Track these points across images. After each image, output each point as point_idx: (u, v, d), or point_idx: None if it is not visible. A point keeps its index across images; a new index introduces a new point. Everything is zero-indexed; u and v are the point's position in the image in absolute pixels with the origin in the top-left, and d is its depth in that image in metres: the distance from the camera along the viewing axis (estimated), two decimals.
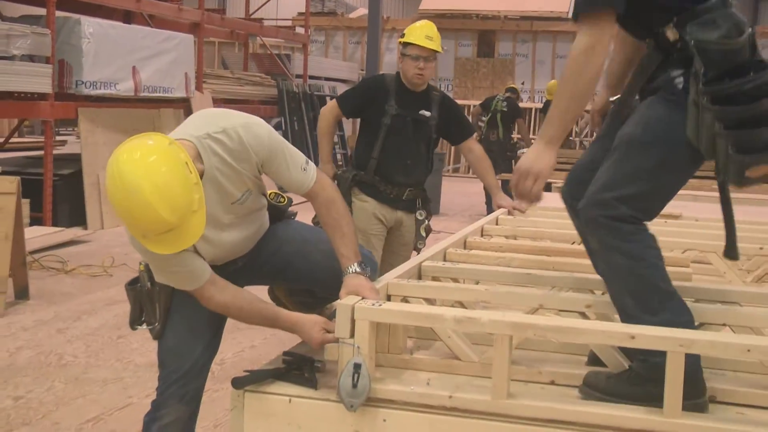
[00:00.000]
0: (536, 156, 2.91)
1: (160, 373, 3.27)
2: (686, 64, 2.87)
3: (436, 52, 5.42)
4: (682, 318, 2.88)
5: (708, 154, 2.90)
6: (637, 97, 3.09)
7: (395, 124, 5.42)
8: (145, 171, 2.67)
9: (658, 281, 2.89)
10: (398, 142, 5.42)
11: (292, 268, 3.38)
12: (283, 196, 3.54)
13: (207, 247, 3.12)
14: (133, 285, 3.28)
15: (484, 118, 13.77)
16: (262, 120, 3.15)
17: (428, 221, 5.64)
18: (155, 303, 3.24)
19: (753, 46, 2.87)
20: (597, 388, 2.88)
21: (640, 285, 2.87)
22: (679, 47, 2.92)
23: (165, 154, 2.75)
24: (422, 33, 5.38)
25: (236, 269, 3.35)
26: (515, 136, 14.04)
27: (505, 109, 13.62)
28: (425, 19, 6.89)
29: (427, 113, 5.49)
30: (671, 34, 2.93)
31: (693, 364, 2.72)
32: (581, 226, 3.09)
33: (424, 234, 5.58)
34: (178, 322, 3.24)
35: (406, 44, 5.43)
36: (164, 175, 2.70)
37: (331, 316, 3.41)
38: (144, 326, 3.28)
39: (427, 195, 5.70)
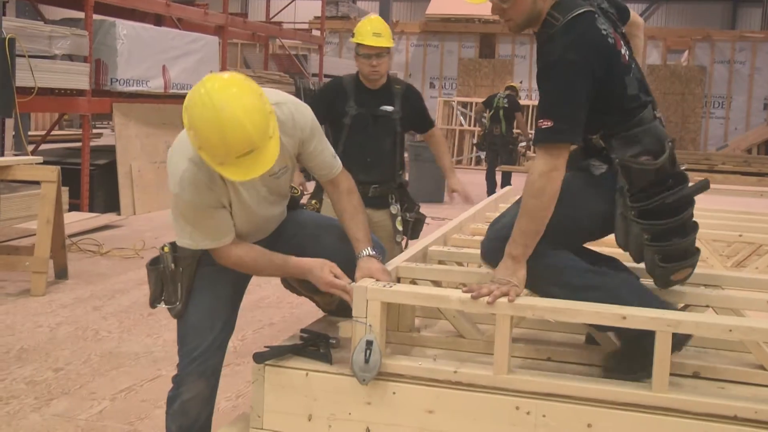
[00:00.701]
0: (511, 272, 2.82)
1: (180, 350, 3.21)
2: (609, 163, 2.92)
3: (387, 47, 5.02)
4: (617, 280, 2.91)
5: (636, 259, 2.95)
6: None
7: (356, 123, 5.03)
8: (232, 95, 2.69)
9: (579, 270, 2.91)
10: (360, 140, 5.00)
11: (307, 252, 3.29)
12: (296, 188, 3.51)
13: (241, 213, 3.06)
14: (154, 265, 3.21)
15: (486, 115, 13.83)
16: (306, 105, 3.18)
17: (408, 214, 5.20)
18: (177, 283, 3.17)
19: (672, 159, 2.88)
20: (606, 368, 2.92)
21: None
22: (605, 153, 2.95)
23: (244, 84, 2.76)
24: (370, 31, 4.96)
25: None
26: (516, 131, 14.03)
27: (506, 106, 13.65)
28: (431, 22, 6.75)
29: (390, 108, 5.06)
30: (597, 142, 2.96)
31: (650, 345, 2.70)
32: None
33: (400, 228, 5.13)
34: (198, 302, 3.18)
35: (357, 44, 5.01)
36: (247, 99, 2.71)
37: (338, 311, 3.40)
38: (163, 305, 3.21)
39: (403, 189, 5.26)
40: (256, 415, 2.96)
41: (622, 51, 2.90)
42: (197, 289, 3.19)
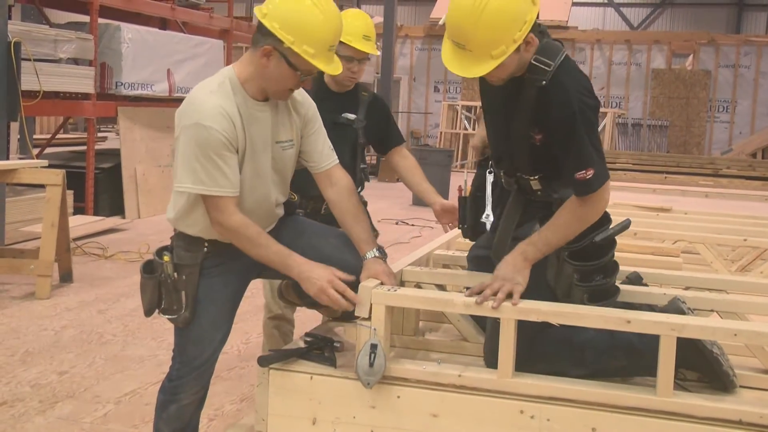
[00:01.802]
0: (517, 270, 2.86)
1: (178, 357, 3.21)
2: (545, 213, 2.98)
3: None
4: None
5: (563, 298, 2.99)
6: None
7: None
8: None
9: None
10: None
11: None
12: (293, 194, 3.50)
13: (247, 175, 3.00)
14: (150, 273, 3.13)
15: None
16: None
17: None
18: (181, 291, 3.09)
19: None
20: None
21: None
22: (539, 195, 3.03)
23: None
24: (360, 32, 4.24)
25: (253, 260, 3.21)
26: None
27: None
28: (436, 27, 6.22)
29: (352, 116, 4.39)
30: (535, 184, 3.02)
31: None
32: None
33: None
34: (202, 314, 3.12)
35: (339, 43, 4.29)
36: None
37: (343, 317, 3.38)
38: (160, 313, 3.15)
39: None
40: (260, 419, 2.97)
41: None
42: (200, 300, 3.12)
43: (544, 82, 2.79)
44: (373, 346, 2.80)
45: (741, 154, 20.70)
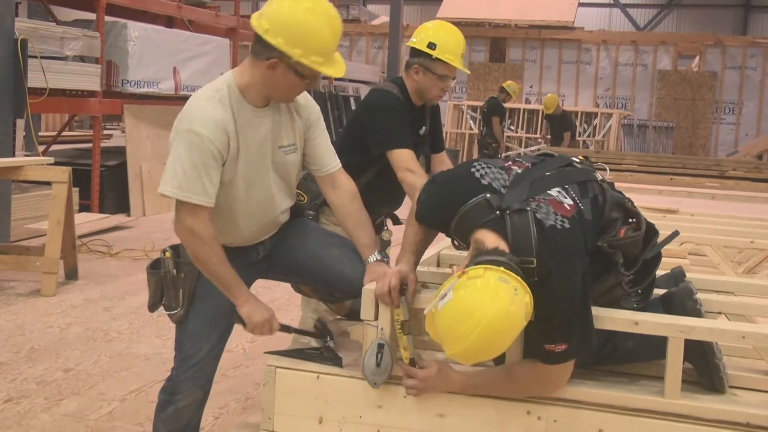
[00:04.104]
0: (446, 385, 2.79)
1: (177, 355, 3.23)
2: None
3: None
4: None
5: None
6: None
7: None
8: None
9: None
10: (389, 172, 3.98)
11: (305, 267, 3.28)
12: (302, 195, 3.49)
13: (243, 178, 2.99)
14: (155, 269, 3.18)
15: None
16: None
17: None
18: (179, 288, 3.13)
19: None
20: None
21: None
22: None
23: None
24: (460, 52, 4.00)
25: (257, 260, 3.27)
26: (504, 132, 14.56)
27: (485, 110, 14.21)
28: None
29: (424, 129, 4.22)
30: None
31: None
32: None
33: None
34: (199, 310, 3.15)
35: (433, 58, 3.97)
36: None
37: (350, 315, 3.39)
38: (162, 310, 3.19)
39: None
40: (266, 418, 2.97)
41: (581, 210, 2.70)
42: (198, 297, 3.15)
43: (536, 278, 2.52)
44: (380, 346, 2.80)
45: (747, 156, 20.65)
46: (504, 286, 2.33)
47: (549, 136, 16.20)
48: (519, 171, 2.77)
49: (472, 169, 2.75)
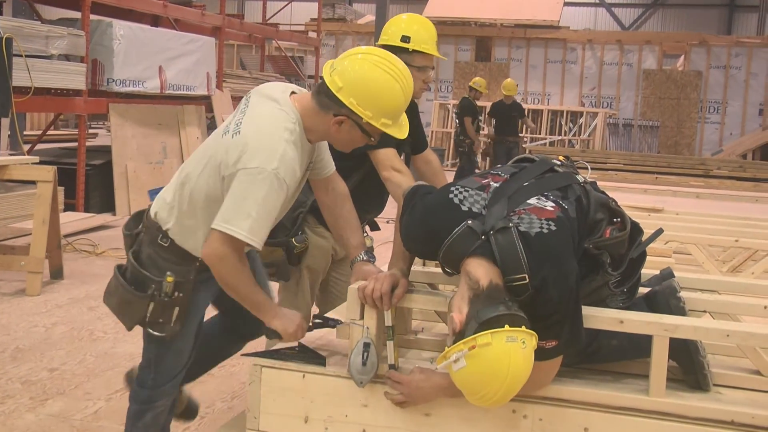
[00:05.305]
0: (423, 397, 2.76)
1: (153, 367, 3.19)
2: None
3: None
4: None
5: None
6: None
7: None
8: (396, 60, 2.90)
9: None
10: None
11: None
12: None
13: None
14: (143, 291, 3.08)
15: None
16: None
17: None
18: (174, 308, 3.06)
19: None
20: None
21: None
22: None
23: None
24: (434, 39, 3.92)
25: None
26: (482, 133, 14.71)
27: (457, 111, 14.61)
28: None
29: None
30: None
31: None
32: None
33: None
34: (186, 325, 3.13)
35: (411, 51, 3.84)
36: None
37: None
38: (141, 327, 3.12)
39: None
40: (252, 417, 2.96)
41: (566, 209, 2.68)
42: (188, 313, 3.12)
43: (530, 290, 2.52)
44: (366, 345, 2.79)
45: (731, 155, 20.76)
46: (513, 346, 2.37)
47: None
48: (497, 185, 2.75)
49: (450, 195, 2.71)
